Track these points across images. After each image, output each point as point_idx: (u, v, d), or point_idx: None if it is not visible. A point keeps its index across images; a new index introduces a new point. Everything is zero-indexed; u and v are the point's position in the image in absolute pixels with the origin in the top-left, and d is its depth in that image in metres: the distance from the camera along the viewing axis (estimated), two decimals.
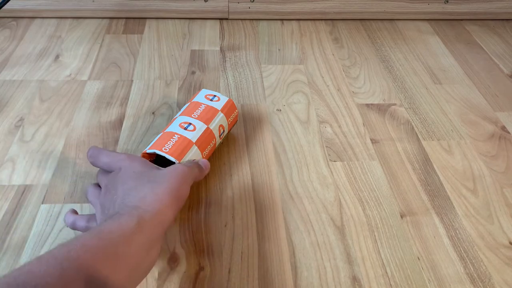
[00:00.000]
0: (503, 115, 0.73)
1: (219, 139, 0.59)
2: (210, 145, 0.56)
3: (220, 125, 0.58)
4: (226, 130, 0.60)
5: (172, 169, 0.44)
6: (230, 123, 0.61)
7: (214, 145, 0.57)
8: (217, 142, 0.58)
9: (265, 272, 0.49)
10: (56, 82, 0.75)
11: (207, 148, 0.55)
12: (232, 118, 0.61)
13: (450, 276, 0.49)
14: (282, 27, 0.93)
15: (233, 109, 0.61)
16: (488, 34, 0.94)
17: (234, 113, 0.61)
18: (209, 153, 0.57)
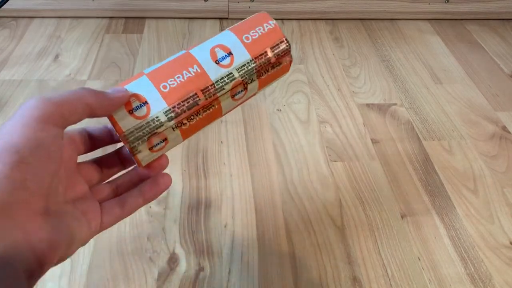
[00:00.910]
0: (503, 115, 0.73)
1: (225, 91, 0.33)
2: (191, 94, 0.31)
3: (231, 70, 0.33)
4: (252, 84, 0.34)
5: (19, 109, 0.26)
6: (261, 69, 0.34)
7: (208, 100, 0.32)
8: (220, 96, 0.33)
9: (265, 273, 0.49)
10: (55, 82, 0.75)
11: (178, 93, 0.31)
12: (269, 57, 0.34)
13: (450, 276, 0.49)
14: (283, 26, 0.93)
15: (276, 39, 0.34)
16: (488, 34, 0.94)
17: (274, 50, 0.34)
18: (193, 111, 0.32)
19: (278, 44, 0.34)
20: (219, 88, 0.33)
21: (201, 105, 0.32)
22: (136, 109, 0.31)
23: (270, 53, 0.34)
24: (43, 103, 0.26)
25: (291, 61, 0.36)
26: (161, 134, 0.31)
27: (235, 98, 0.34)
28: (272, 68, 0.35)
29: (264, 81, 0.35)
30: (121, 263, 0.49)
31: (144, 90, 0.31)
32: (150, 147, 0.31)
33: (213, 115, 0.34)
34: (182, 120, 0.31)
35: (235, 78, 0.33)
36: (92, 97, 0.28)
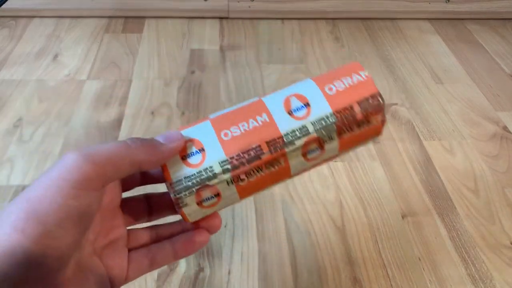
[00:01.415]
0: (504, 115, 0.72)
1: (300, 156, 0.28)
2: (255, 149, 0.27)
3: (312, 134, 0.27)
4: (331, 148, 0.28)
5: (55, 164, 0.24)
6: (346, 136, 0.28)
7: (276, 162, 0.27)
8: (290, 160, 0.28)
9: (265, 273, 0.48)
10: (54, 81, 0.74)
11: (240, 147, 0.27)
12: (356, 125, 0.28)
13: (451, 277, 0.49)
14: (283, 26, 0.93)
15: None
16: (489, 34, 0.94)
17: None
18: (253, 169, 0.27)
19: (368, 98, 0.28)
20: (289, 142, 0.27)
21: (264, 160, 0.27)
22: (190, 155, 0.27)
23: (356, 108, 0.28)
24: (84, 162, 0.23)
25: (383, 121, 0.29)
26: (213, 188, 0.27)
27: (308, 158, 0.28)
28: (358, 127, 0.28)
29: (347, 142, 0.28)
30: None
31: (204, 136, 0.27)
32: (199, 201, 0.27)
33: (279, 174, 0.28)
34: (240, 175, 0.27)
35: (309, 133, 0.27)
36: (141, 153, 0.25)
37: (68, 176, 0.22)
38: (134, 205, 0.30)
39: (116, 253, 0.28)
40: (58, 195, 0.22)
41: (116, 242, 0.28)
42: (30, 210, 0.21)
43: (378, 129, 0.29)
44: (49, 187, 0.22)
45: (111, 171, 0.24)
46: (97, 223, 0.26)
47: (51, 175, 0.23)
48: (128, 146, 0.25)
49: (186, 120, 0.68)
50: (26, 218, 0.21)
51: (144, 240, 0.30)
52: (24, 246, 0.20)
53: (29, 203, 0.22)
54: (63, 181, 0.22)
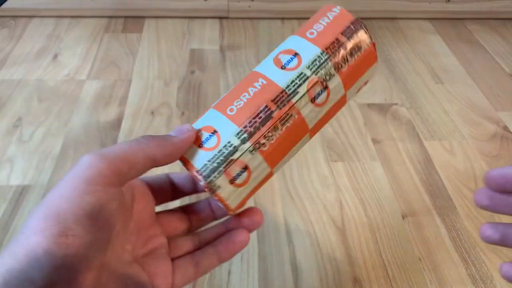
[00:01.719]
0: (505, 115, 0.72)
1: (307, 99, 0.27)
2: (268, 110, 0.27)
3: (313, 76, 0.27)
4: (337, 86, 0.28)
5: (71, 167, 0.24)
6: (349, 72, 0.29)
7: (289, 114, 0.27)
8: (301, 107, 0.27)
9: (265, 274, 0.48)
10: (54, 81, 0.74)
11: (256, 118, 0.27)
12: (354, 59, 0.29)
13: (451, 277, 0.49)
14: (283, 26, 0.93)
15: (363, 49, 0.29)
16: (489, 33, 0.94)
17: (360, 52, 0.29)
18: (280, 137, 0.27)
19: (348, 26, 0.29)
20: (292, 93, 0.27)
21: (276, 117, 0.26)
22: (205, 141, 0.27)
23: (342, 38, 0.28)
24: (97, 160, 0.23)
25: (373, 43, 0.29)
26: (239, 162, 0.26)
27: (317, 103, 0.27)
28: (351, 56, 0.28)
29: (347, 75, 0.28)
30: None
31: (212, 120, 0.28)
32: (231, 180, 0.26)
33: (296, 129, 0.27)
34: (259, 140, 0.26)
35: (308, 77, 0.27)
36: (154, 147, 0.25)
37: (81, 173, 0.23)
38: (172, 217, 0.30)
39: (158, 261, 0.27)
40: (74, 193, 0.22)
41: (157, 251, 0.28)
42: (49, 212, 0.21)
43: (371, 53, 0.30)
44: (65, 187, 0.22)
45: (125, 167, 0.24)
46: (132, 233, 0.26)
47: (66, 176, 0.23)
48: (140, 141, 0.25)
49: (186, 120, 0.68)
50: (44, 219, 0.21)
51: (187, 248, 0.29)
52: (45, 247, 0.20)
53: (48, 205, 0.22)
54: (77, 179, 0.22)
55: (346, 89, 0.29)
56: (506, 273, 0.29)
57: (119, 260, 0.25)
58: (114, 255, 0.24)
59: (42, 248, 0.20)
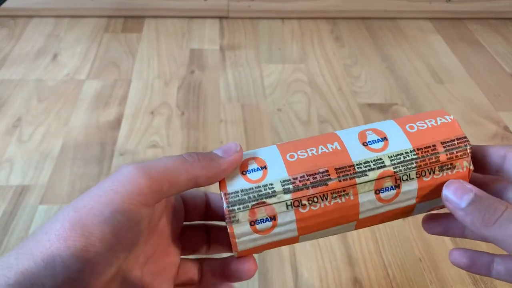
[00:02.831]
0: (505, 115, 0.72)
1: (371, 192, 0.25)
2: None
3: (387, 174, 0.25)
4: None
5: (110, 176, 0.23)
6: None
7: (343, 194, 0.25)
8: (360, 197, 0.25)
9: (265, 274, 0.48)
10: (54, 81, 0.74)
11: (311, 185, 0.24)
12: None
13: (452, 277, 0.49)
14: (283, 25, 0.93)
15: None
16: (490, 33, 0.93)
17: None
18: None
19: (453, 139, 0.25)
20: (360, 172, 0.24)
21: (330, 186, 0.24)
22: (251, 171, 0.25)
23: (439, 148, 0.25)
24: (139, 175, 0.22)
25: (469, 170, 0.25)
26: (270, 208, 0.24)
27: (382, 198, 0.25)
28: (440, 170, 0.25)
29: (426, 186, 0.25)
30: None
31: (268, 155, 0.26)
32: (252, 221, 0.24)
33: (346, 210, 0.24)
34: (302, 199, 0.24)
35: (385, 166, 0.24)
36: (198, 167, 0.23)
37: (120, 188, 0.21)
38: (193, 234, 0.28)
39: (162, 283, 0.26)
40: (107, 208, 0.21)
41: (166, 271, 0.26)
42: (76, 221, 0.21)
43: (464, 176, 0.25)
44: (99, 199, 0.21)
45: (166, 186, 0.23)
46: (151, 246, 0.25)
47: (103, 186, 0.22)
48: (185, 160, 0.23)
49: (185, 120, 0.68)
50: (71, 228, 0.20)
51: (191, 274, 0.28)
52: (64, 258, 0.20)
53: (76, 212, 0.21)
54: (114, 193, 0.21)
55: (418, 201, 0.25)
56: (454, 260, 0.28)
57: (129, 274, 0.24)
58: (127, 267, 0.24)
59: (61, 258, 0.20)
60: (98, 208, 0.21)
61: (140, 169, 0.22)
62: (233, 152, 0.25)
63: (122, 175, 0.22)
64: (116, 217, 0.21)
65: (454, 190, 0.24)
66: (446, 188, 0.24)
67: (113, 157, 0.61)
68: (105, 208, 0.21)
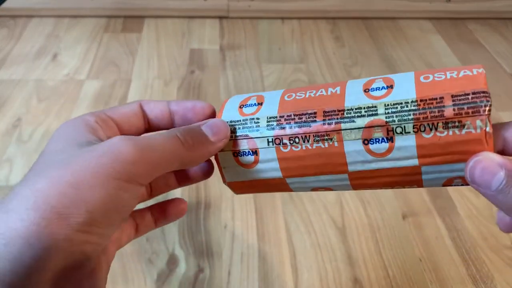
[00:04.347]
0: (505, 115, 0.72)
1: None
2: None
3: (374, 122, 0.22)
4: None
5: (102, 146, 0.22)
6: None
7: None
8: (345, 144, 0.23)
9: (265, 274, 0.48)
10: (54, 81, 0.74)
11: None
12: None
13: (452, 277, 0.49)
14: (283, 25, 0.93)
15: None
16: (490, 33, 0.93)
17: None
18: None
19: (468, 93, 0.21)
20: (348, 117, 0.22)
21: (313, 128, 0.23)
22: (247, 106, 0.25)
23: (448, 101, 0.21)
24: (138, 157, 0.21)
25: (485, 133, 0.20)
26: (252, 142, 0.24)
27: (371, 150, 0.22)
28: (445, 127, 0.21)
29: (429, 144, 0.21)
30: (119, 264, 0.48)
31: (270, 95, 0.26)
32: (235, 151, 0.24)
33: (330, 157, 0.23)
34: (283, 138, 0.23)
35: (377, 115, 0.22)
36: (191, 153, 0.23)
37: (119, 167, 0.21)
38: (140, 216, 0.29)
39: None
40: (109, 185, 0.20)
41: (120, 241, 0.27)
42: (78, 198, 0.20)
43: (477, 140, 0.20)
44: (99, 175, 0.20)
45: (160, 170, 0.23)
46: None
47: (101, 161, 0.21)
48: (181, 144, 0.23)
49: None
50: (72, 205, 0.20)
51: (149, 223, 0.29)
52: (67, 235, 0.19)
53: (75, 188, 0.20)
54: (114, 171, 0.21)
55: (422, 163, 0.22)
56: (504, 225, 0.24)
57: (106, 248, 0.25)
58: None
59: (64, 237, 0.19)
60: (100, 185, 0.20)
61: (139, 149, 0.21)
62: (223, 136, 0.24)
63: (120, 153, 0.21)
64: (119, 194, 0.21)
65: (480, 173, 0.20)
66: (471, 171, 0.20)
67: None
68: (108, 185, 0.20)
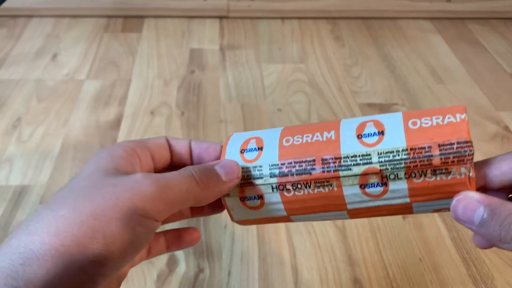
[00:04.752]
0: (505, 115, 0.72)
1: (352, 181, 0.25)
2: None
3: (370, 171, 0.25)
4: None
5: (125, 181, 0.23)
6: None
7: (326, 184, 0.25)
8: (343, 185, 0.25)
9: (265, 274, 0.48)
10: (53, 81, 0.74)
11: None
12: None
13: (452, 277, 0.49)
14: (283, 25, 0.93)
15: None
16: (490, 33, 0.93)
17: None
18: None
19: (453, 143, 0.24)
20: (345, 166, 0.25)
21: (314, 176, 0.25)
22: (248, 150, 0.27)
23: (435, 151, 0.23)
24: (158, 195, 0.23)
25: (469, 177, 0.24)
26: (257, 188, 0.26)
27: (368, 192, 0.25)
28: (433, 174, 0.24)
29: (419, 189, 0.24)
30: None
31: (268, 137, 0.27)
32: (242, 197, 0.26)
33: (330, 200, 0.25)
34: (286, 184, 0.25)
35: (371, 164, 0.24)
36: (205, 192, 0.25)
37: (139, 203, 0.22)
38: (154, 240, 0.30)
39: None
40: (128, 220, 0.22)
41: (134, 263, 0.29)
42: (98, 229, 0.21)
43: (459, 184, 0.24)
44: (119, 209, 0.22)
45: (176, 208, 0.24)
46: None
47: (122, 196, 0.22)
48: (197, 184, 0.24)
49: (185, 119, 0.67)
50: (92, 235, 0.21)
51: (162, 247, 0.30)
52: (81, 264, 0.20)
53: (96, 220, 0.21)
54: (133, 207, 0.22)
55: (413, 200, 0.25)
56: (478, 242, 0.26)
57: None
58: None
59: (76, 264, 0.20)
60: (120, 218, 0.21)
61: (159, 188, 0.23)
62: (235, 176, 0.26)
63: (140, 190, 0.22)
64: (136, 229, 0.22)
65: (463, 210, 0.23)
66: (454, 209, 0.23)
67: None
68: (127, 220, 0.22)
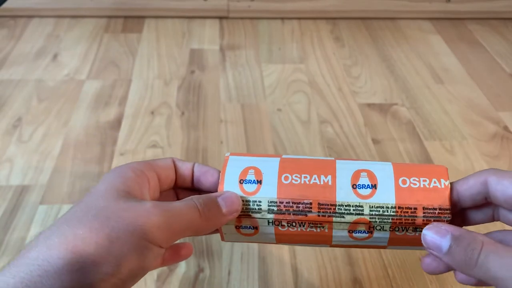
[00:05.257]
0: (505, 115, 0.72)
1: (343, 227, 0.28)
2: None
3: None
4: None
5: (137, 208, 0.25)
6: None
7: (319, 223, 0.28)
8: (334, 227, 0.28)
9: (265, 274, 0.48)
10: (54, 81, 0.74)
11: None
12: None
13: (452, 277, 0.49)
14: (283, 26, 0.93)
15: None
16: (490, 33, 0.93)
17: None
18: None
19: (435, 208, 0.28)
20: (339, 213, 0.27)
21: (309, 218, 0.27)
22: (247, 182, 0.28)
23: (419, 212, 0.27)
24: (164, 227, 0.25)
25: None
26: (254, 220, 0.28)
27: (354, 236, 0.28)
28: (413, 231, 0.28)
29: (398, 239, 0.28)
30: None
31: (267, 170, 0.28)
32: (238, 226, 0.28)
33: (319, 237, 0.28)
34: (282, 221, 0.28)
35: (363, 215, 0.27)
36: (207, 223, 0.27)
37: (148, 230, 0.24)
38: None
39: None
40: (138, 244, 0.24)
41: None
42: (112, 251, 0.23)
43: None
44: (131, 234, 0.24)
45: (178, 237, 0.26)
46: None
47: (135, 222, 0.24)
48: (199, 215, 0.26)
49: (186, 120, 0.68)
50: (106, 256, 0.23)
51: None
52: (92, 281, 0.23)
53: (111, 242, 0.23)
54: (143, 233, 0.24)
55: (389, 245, 0.29)
56: (427, 266, 0.29)
57: None
58: None
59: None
60: (130, 243, 0.24)
61: (166, 220, 0.25)
62: (235, 210, 0.28)
63: (149, 219, 0.25)
64: (144, 253, 0.24)
65: (431, 239, 0.26)
66: (424, 238, 0.26)
67: (113, 157, 0.61)
68: (136, 247, 0.24)
